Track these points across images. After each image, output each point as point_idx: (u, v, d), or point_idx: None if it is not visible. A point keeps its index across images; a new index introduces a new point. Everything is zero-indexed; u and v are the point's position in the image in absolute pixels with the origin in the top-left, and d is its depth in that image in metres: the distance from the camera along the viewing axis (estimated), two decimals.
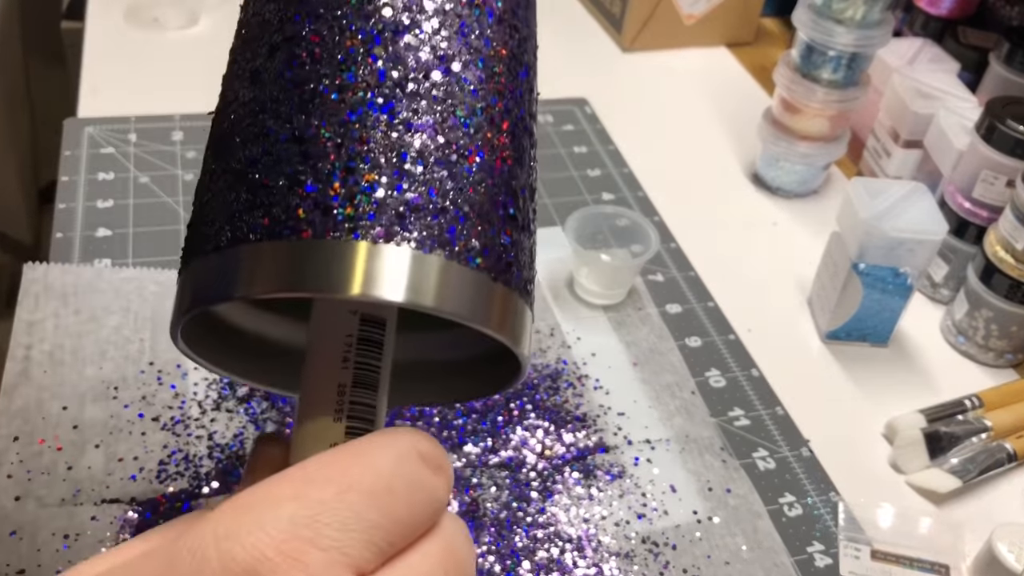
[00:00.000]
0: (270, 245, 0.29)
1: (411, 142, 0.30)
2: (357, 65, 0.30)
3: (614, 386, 0.68)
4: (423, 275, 0.29)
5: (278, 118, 0.30)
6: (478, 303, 0.30)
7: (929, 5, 0.97)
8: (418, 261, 0.29)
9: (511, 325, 0.31)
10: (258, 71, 0.31)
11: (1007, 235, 0.69)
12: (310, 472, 0.27)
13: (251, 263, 0.29)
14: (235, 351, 0.38)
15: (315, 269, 0.28)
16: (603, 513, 0.59)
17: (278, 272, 0.29)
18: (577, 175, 0.88)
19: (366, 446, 0.28)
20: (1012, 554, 0.56)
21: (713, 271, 0.79)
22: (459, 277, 0.30)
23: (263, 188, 0.30)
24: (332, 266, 0.28)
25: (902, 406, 0.68)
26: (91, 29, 1.01)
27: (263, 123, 0.30)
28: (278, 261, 0.29)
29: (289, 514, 0.25)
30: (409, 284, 0.29)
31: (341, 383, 0.32)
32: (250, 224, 0.29)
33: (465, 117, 0.31)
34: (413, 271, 0.29)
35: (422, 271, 0.29)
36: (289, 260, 0.29)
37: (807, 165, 0.87)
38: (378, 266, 0.29)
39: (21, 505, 0.55)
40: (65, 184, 0.78)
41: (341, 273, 0.28)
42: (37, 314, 0.66)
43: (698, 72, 1.08)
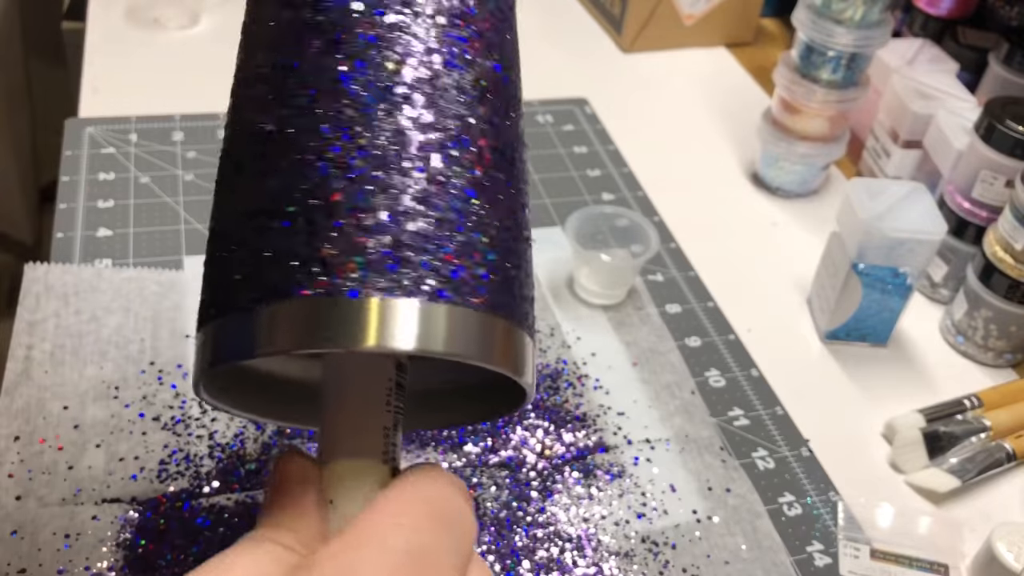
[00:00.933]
0: (298, 303, 0.31)
1: (412, 194, 0.32)
2: (362, 130, 0.32)
3: (614, 386, 0.68)
4: (439, 322, 0.31)
5: (287, 179, 0.32)
6: (484, 342, 0.32)
7: (928, 5, 0.97)
8: (438, 309, 0.31)
9: (515, 358, 0.33)
10: (263, 136, 0.33)
11: (1006, 235, 0.69)
12: (399, 508, 0.30)
13: (283, 319, 0.31)
14: (247, 391, 0.40)
15: (349, 324, 0.30)
16: (603, 513, 0.59)
17: (308, 328, 0.30)
18: (577, 175, 0.88)
19: (430, 482, 0.31)
20: (1011, 553, 0.56)
21: (713, 271, 0.79)
22: (464, 320, 0.32)
23: (283, 250, 0.31)
24: (359, 320, 0.30)
25: (901, 406, 0.68)
26: (92, 29, 1.01)
27: (272, 186, 0.32)
28: (308, 318, 0.31)
29: (402, 546, 0.28)
30: (432, 334, 0.31)
31: (386, 426, 0.34)
32: (284, 281, 0.31)
33: (461, 172, 0.33)
34: (447, 322, 0.31)
35: (446, 320, 0.31)
36: (319, 316, 0.30)
37: (807, 165, 0.87)
38: (401, 319, 0.31)
39: (22, 504, 0.55)
40: (66, 184, 0.79)
41: (383, 326, 0.30)
42: (38, 314, 0.66)
43: (698, 72, 1.08)
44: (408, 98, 0.32)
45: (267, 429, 0.61)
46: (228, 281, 0.32)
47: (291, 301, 0.31)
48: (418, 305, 0.31)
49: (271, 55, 0.33)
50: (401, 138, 0.32)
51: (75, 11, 1.31)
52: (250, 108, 0.34)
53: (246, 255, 0.32)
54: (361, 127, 0.31)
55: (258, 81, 0.33)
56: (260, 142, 0.33)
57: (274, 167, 0.32)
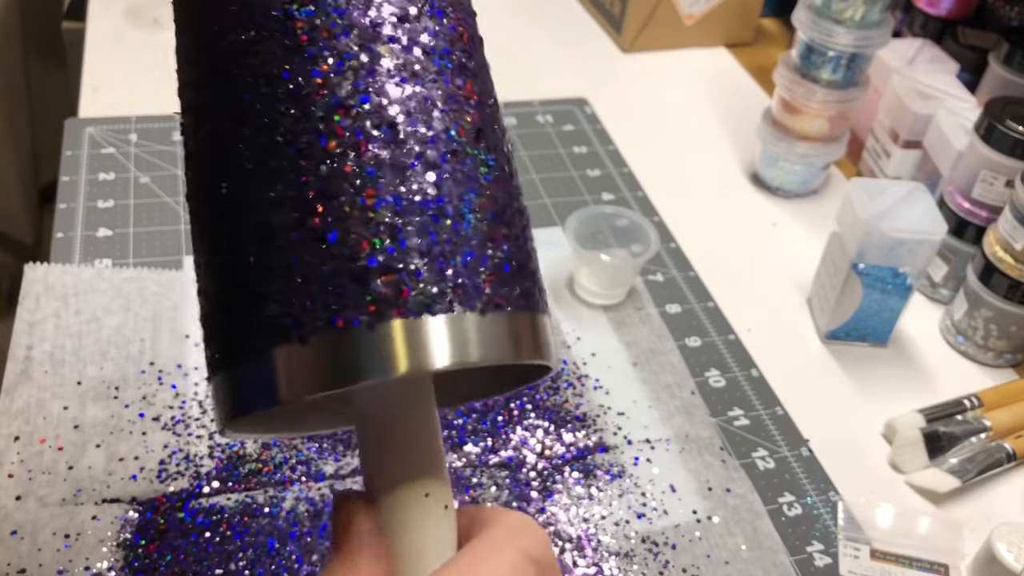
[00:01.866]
0: (317, 339, 0.30)
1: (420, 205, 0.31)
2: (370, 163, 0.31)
3: (614, 386, 0.68)
4: (469, 332, 0.31)
5: (296, 209, 0.31)
6: (512, 340, 0.32)
7: (928, 5, 0.97)
8: (464, 319, 0.31)
9: (540, 344, 0.33)
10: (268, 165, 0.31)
11: (1006, 235, 0.69)
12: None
13: (305, 360, 0.30)
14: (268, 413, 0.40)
15: (377, 353, 0.30)
16: (603, 513, 0.59)
17: (335, 366, 0.30)
18: (577, 175, 0.88)
19: (522, 530, 0.32)
20: (1011, 553, 0.56)
21: (713, 271, 0.79)
22: (492, 324, 0.31)
23: (302, 286, 0.30)
24: (387, 347, 0.30)
25: (901, 406, 0.68)
26: (92, 29, 1.01)
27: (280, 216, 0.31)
28: (332, 355, 0.30)
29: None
30: (465, 345, 0.31)
31: (437, 446, 0.34)
32: (298, 319, 0.30)
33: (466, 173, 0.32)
34: (476, 330, 0.31)
35: (475, 328, 0.31)
36: (343, 351, 0.30)
37: (807, 165, 0.87)
38: (430, 336, 0.30)
39: (22, 504, 0.55)
40: (66, 184, 0.78)
41: (414, 347, 0.30)
42: (38, 314, 0.66)
43: (698, 72, 1.08)
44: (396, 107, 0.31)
45: None
46: (238, 322, 0.31)
47: (310, 339, 0.30)
48: (444, 319, 0.30)
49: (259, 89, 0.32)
50: (399, 149, 0.31)
51: (75, 11, 1.31)
52: (241, 143, 0.32)
53: (252, 294, 0.31)
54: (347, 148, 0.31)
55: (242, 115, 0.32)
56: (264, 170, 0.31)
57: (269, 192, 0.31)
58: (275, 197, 0.30)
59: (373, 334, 0.29)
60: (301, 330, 0.30)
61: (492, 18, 1.22)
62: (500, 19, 1.15)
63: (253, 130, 0.31)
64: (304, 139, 0.30)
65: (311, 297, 0.30)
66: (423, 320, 0.30)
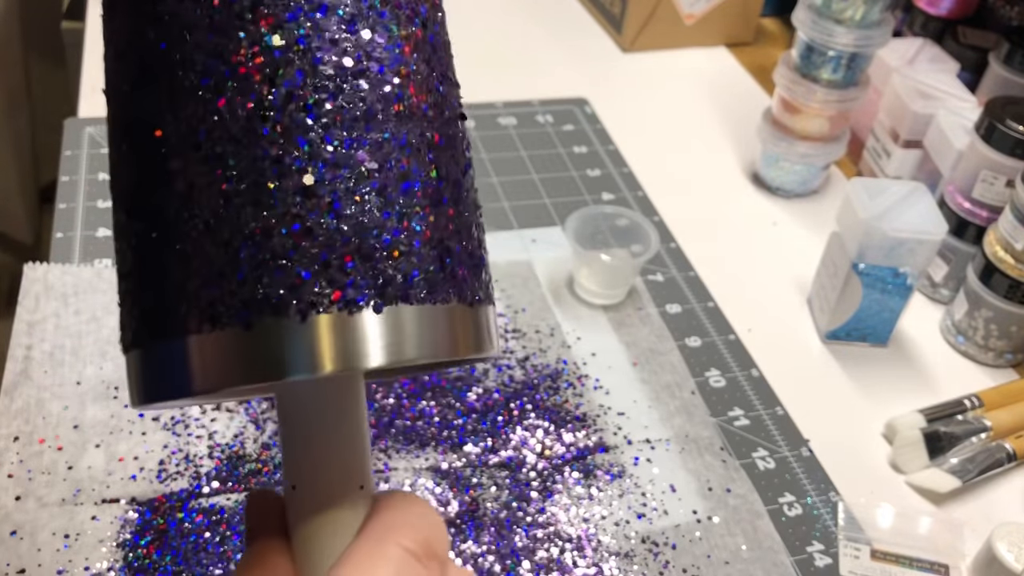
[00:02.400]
0: (239, 329, 0.27)
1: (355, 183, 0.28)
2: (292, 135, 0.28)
3: (614, 386, 0.68)
4: (404, 327, 0.29)
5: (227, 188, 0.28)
6: (450, 334, 0.30)
7: (929, 5, 0.97)
8: (399, 312, 0.28)
9: (481, 338, 0.31)
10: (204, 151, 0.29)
11: (1007, 235, 0.69)
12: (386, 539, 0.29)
13: (225, 348, 0.28)
14: None
15: (303, 348, 0.27)
16: (603, 513, 0.59)
17: (255, 358, 0.28)
18: (577, 175, 0.88)
19: (408, 512, 0.30)
20: (1011, 553, 0.56)
21: (713, 271, 0.79)
22: (429, 318, 0.29)
23: (218, 267, 0.28)
24: (314, 342, 0.27)
25: (902, 406, 0.68)
26: (92, 29, 1.01)
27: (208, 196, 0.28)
28: (254, 345, 0.27)
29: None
30: (400, 342, 0.28)
31: (362, 447, 0.32)
32: (220, 304, 0.28)
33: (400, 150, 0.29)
34: (412, 325, 0.29)
35: (411, 323, 0.29)
36: (267, 342, 0.27)
37: (807, 165, 0.87)
38: (362, 332, 0.28)
39: (22, 505, 0.55)
40: (65, 184, 0.78)
41: (343, 344, 0.27)
42: (37, 314, 0.66)
43: (698, 72, 1.08)
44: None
45: (266, 429, 0.61)
46: (153, 304, 0.29)
47: (228, 329, 0.27)
48: (377, 314, 0.28)
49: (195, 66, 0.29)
50: (332, 127, 0.28)
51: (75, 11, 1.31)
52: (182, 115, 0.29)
53: (169, 275, 0.29)
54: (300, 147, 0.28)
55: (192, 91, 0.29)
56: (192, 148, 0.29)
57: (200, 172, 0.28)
58: (194, 175, 0.28)
59: (298, 327, 0.27)
60: (218, 318, 0.27)
61: (492, 18, 1.23)
62: (500, 19, 1.15)
63: (172, 91, 0.29)
64: (228, 114, 0.28)
65: (231, 283, 0.27)
66: (354, 314, 0.28)
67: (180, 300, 0.28)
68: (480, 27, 1.12)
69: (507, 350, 0.69)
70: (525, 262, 0.77)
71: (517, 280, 0.76)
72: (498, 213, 0.82)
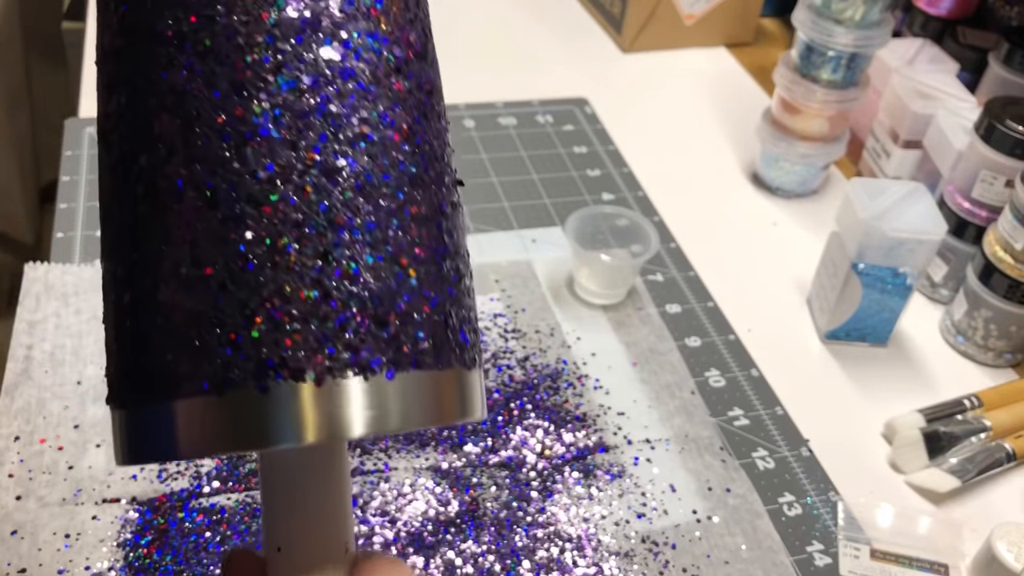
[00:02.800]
0: (226, 396, 0.27)
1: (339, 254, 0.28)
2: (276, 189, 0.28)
3: (614, 386, 0.68)
4: (388, 396, 0.28)
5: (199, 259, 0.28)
6: (435, 401, 0.30)
7: (928, 5, 0.97)
8: (383, 382, 0.28)
9: (467, 405, 0.31)
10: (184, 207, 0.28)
11: (1006, 235, 0.69)
12: None
13: (209, 415, 0.27)
14: None
15: (286, 416, 0.27)
16: (603, 513, 0.59)
17: (240, 426, 0.27)
18: (577, 175, 0.88)
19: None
20: (1011, 553, 0.56)
21: (713, 271, 0.79)
22: (414, 386, 0.29)
23: (209, 335, 0.27)
24: (297, 410, 0.27)
25: (901, 406, 0.68)
26: (92, 29, 1.01)
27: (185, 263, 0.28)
28: (239, 413, 0.27)
29: None
30: (383, 412, 0.28)
31: (344, 514, 0.32)
32: (204, 369, 0.27)
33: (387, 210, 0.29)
34: (395, 393, 0.28)
35: (394, 392, 0.28)
36: (251, 410, 0.27)
37: (807, 165, 0.87)
38: (346, 400, 0.27)
39: (22, 504, 0.55)
40: (66, 184, 0.79)
41: (326, 413, 0.27)
42: (38, 314, 0.66)
43: (698, 72, 1.08)
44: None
45: None
46: (140, 363, 0.29)
47: (213, 395, 0.27)
48: (361, 381, 0.28)
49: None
50: (326, 186, 0.28)
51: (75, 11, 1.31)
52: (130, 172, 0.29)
53: (155, 337, 0.28)
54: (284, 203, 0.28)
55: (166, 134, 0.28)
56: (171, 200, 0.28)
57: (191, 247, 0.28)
58: (180, 234, 0.28)
59: (281, 396, 0.27)
60: (202, 384, 0.27)
61: (492, 18, 1.23)
62: (500, 19, 1.15)
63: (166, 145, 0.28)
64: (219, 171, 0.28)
65: (216, 348, 0.27)
66: (338, 382, 0.27)
67: (171, 363, 0.28)
68: (480, 27, 1.12)
69: (507, 350, 0.69)
70: (525, 262, 0.77)
71: (517, 280, 0.76)
72: (498, 213, 0.83)
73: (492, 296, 0.74)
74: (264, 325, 0.27)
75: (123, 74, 0.29)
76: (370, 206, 0.29)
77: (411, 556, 0.55)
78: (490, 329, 0.71)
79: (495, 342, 0.70)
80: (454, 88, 0.97)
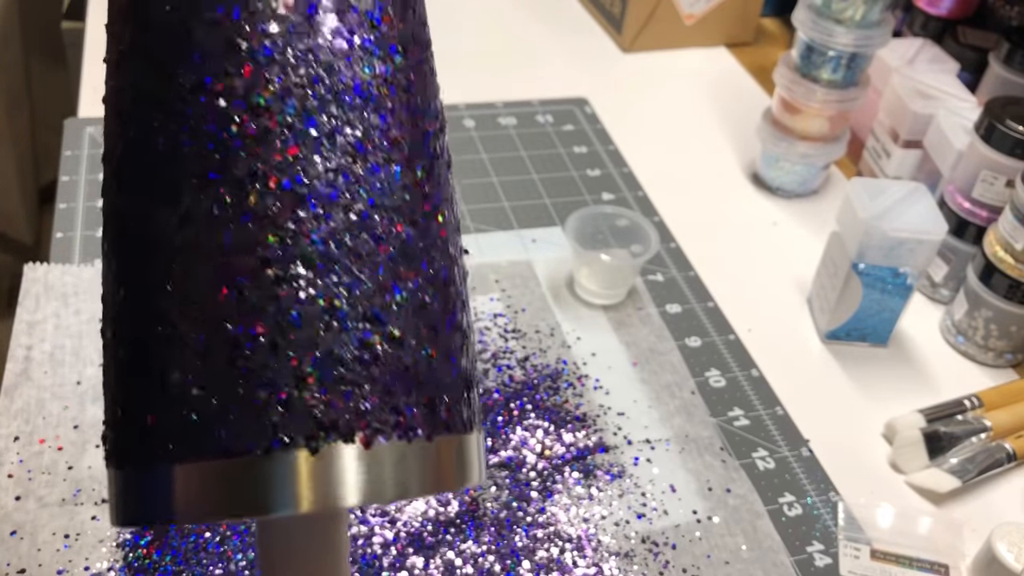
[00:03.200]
0: (221, 462, 0.27)
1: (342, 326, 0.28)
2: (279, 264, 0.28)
3: (614, 386, 0.68)
4: (384, 465, 0.28)
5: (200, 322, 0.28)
6: (432, 470, 0.30)
7: (929, 5, 0.97)
8: (376, 454, 0.28)
9: (466, 472, 0.31)
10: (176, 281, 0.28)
11: (1006, 235, 0.69)
12: None
13: (205, 480, 0.27)
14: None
15: (282, 485, 0.27)
16: (603, 513, 0.59)
17: (237, 492, 0.27)
18: (577, 175, 0.88)
19: None
20: (1011, 553, 0.56)
21: (713, 271, 0.79)
22: (411, 455, 0.29)
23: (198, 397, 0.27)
24: (293, 479, 0.27)
25: (902, 406, 0.68)
26: (92, 29, 1.01)
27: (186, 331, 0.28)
28: (236, 479, 0.27)
29: None
30: (379, 482, 0.28)
31: None
32: (201, 435, 0.27)
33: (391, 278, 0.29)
34: (391, 463, 0.28)
35: (390, 461, 0.28)
36: (246, 477, 0.27)
37: (807, 165, 0.87)
38: (342, 469, 0.27)
39: (22, 505, 0.55)
40: (66, 184, 0.78)
41: (322, 482, 0.27)
42: (38, 314, 0.66)
43: (698, 72, 1.08)
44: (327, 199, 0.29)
45: None
46: (137, 426, 0.29)
47: (210, 462, 0.27)
48: (357, 451, 0.27)
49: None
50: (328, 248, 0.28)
51: (75, 11, 1.31)
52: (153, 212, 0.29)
53: (152, 395, 0.28)
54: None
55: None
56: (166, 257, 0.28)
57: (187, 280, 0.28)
58: (180, 294, 0.28)
59: (278, 464, 0.27)
60: (200, 450, 0.27)
61: (492, 18, 1.23)
62: (500, 19, 1.15)
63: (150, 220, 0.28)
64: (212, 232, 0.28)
65: (213, 415, 0.27)
66: (334, 451, 0.27)
67: (159, 429, 0.28)
68: (480, 27, 1.12)
69: (507, 350, 0.69)
70: (525, 262, 0.77)
71: (517, 280, 0.76)
72: (498, 213, 0.82)
73: (492, 296, 0.74)
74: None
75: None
76: (364, 273, 0.29)
77: (411, 556, 0.55)
78: (490, 329, 0.71)
79: (495, 342, 0.70)
80: (454, 88, 0.98)
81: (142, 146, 0.29)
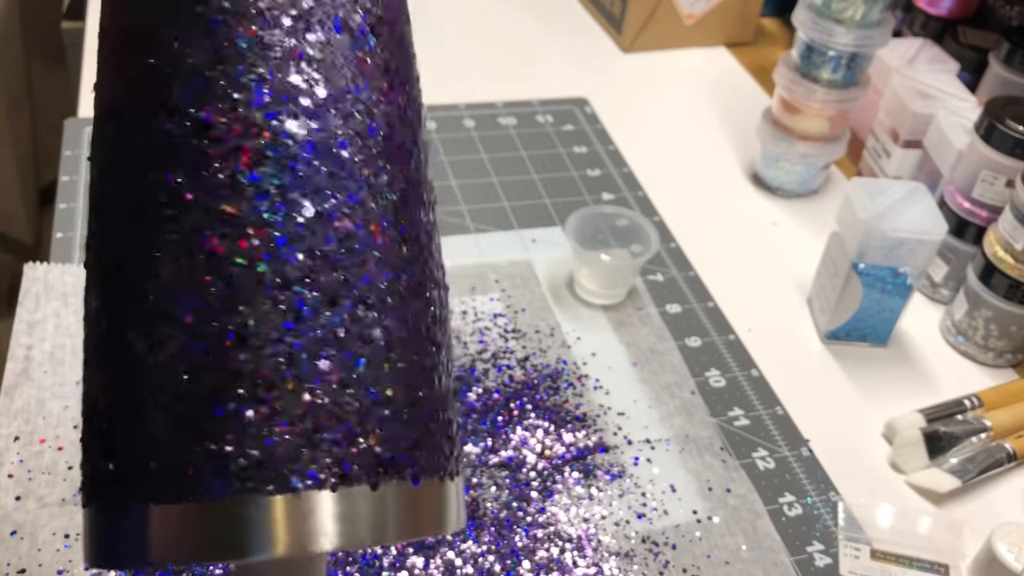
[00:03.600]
0: (199, 504, 0.27)
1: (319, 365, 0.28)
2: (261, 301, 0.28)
3: (614, 386, 0.68)
4: (360, 510, 0.28)
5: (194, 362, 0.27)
6: (410, 515, 0.29)
7: (929, 5, 0.97)
8: (353, 497, 0.28)
9: (444, 517, 0.31)
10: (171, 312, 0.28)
11: (1006, 235, 0.69)
12: None
13: (182, 523, 0.27)
14: None
15: (258, 528, 0.27)
16: (603, 513, 0.59)
17: (214, 535, 0.27)
18: (577, 175, 0.88)
19: None
20: (1011, 553, 0.56)
21: (713, 271, 0.79)
22: (390, 500, 0.29)
23: (174, 438, 0.27)
24: (268, 523, 0.27)
25: (902, 406, 0.68)
26: (92, 29, 1.01)
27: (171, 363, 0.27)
28: (211, 522, 0.27)
29: None
30: (355, 527, 0.28)
31: None
32: (179, 477, 0.27)
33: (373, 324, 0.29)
34: (369, 508, 0.28)
35: (367, 506, 0.28)
36: (224, 521, 0.27)
37: (807, 165, 0.87)
38: (318, 513, 0.27)
39: (22, 505, 0.55)
40: (66, 184, 0.78)
41: (298, 526, 0.27)
42: (38, 314, 0.66)
43: (698, 72, 1.08)
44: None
45: None
46: (115, 466, 0.28)
47: (186, 504, 0.27)
48: (335, 495, 0.27)
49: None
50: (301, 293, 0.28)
51: (75, 11, 1.31)
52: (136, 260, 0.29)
53: (129, 446, 0.28)
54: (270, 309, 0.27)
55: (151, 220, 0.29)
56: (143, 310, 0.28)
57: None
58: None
59: (254, 508, 0.26)
60: (175, 493, 0.27)
61: (492, 18, 1.23)
62: (500, 19, 1.15)
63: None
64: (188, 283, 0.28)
65: (190, 459, 0.27)
66: (311, 496, 0.27)
67: (152, 468, 0.27)
68: (480, 27, 1.12)
69: (507, 350, 0.69)
70: (525, 262, 0.77)
71: (517, 280, 0.76)
72: (498, 213, 0.82)
73: (492, 296, 0.74)
74: (223, 443, 0.27)
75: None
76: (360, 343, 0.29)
77: (411, 556, 0.55)
78: (490, 329, 0.71)
79: (495, 342, 0.70)
80: (454, 88, 0.98)
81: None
